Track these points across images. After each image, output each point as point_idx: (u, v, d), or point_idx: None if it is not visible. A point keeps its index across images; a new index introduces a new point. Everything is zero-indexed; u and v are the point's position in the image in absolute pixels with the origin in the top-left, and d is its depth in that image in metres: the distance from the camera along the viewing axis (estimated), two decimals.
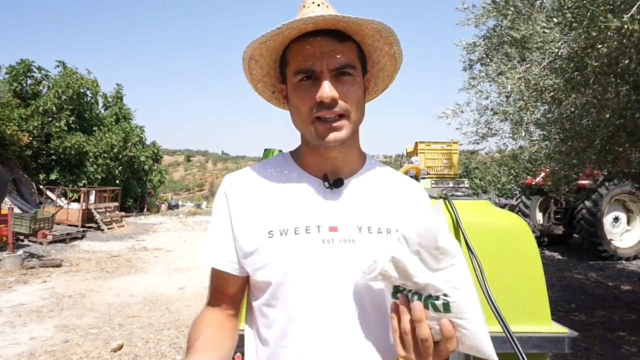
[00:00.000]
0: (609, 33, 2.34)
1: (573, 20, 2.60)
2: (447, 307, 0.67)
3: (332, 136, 0.79)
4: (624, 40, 2.41)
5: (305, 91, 0.80)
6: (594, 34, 2.36)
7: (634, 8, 2.11)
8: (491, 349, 0.70)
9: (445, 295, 0.67)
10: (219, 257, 0.87)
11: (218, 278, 0.90)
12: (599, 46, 2.44)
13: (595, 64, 2.57)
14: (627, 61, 2.47)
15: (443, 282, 0.68)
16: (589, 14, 2.38)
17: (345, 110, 0.80)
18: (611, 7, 2.26)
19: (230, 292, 0.90)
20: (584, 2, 2.40)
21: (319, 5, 0.83)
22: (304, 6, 0.85)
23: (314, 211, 0.84)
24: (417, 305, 0.69)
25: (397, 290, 0.73)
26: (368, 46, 0.87)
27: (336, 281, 0.81)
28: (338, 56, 0.79)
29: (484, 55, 3.87)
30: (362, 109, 0.85)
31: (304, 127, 0.83)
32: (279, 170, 0.91)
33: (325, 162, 0.87)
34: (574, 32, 2.64)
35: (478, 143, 3.89)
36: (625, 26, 2.15)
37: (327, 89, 0.77)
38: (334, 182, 0.86)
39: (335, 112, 0.79)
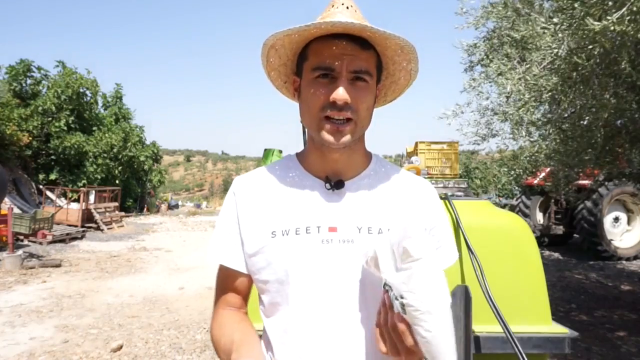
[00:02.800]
0: (607, 33, 2.34)
1: (570, 20, 2.60)
2: (403, 308, 0.67)
3: (337, 138, 0.81)
4: (617, 43, 2.41)
5: (320, 87, 0.81)
6: (588, 33, 2.36)
7: (624, 9, 2.11)
8: None
9: (401, 296, 0.67)
10: (228, 255, 0.89)
11: (227, 276, 0.91)
12: (590, 47, 2.44)
13: (586, 64, 2.57)
14: (623, 62, 2.47)
15: (400, 283, 0.68)
16: (582, 14, 2.38)
17: (354, 115, 0.81)
18: (603, 8, 2.26)
19: (240, 290, 0.92)
20: (576, 4, 2.40)
21: (347, 7, 0.84)
22: (332, 5, 0.86)
23: (315, 212, 0.85)
24: (386, 295, 0.72)
25: (385, 283, 0.74)
26: (387, 58, 0.88)
27: (334, 281, 0.82)
28: (359, 60, 0.80)
29: (485, 57, 3.87)
30: (370, 115, 0.87)
31: (312, 122, 0.84)
32: (284, 172, 0.93)
33: (327, 163, 0.88)
34: (560, 34, 2.64)
35: (479, 144, 3.89)
36: (612, 27, 2.14)
37: (341, 91, 0.78)
38: (335, 183, 0.87)
39: (344, 114, 0.80)
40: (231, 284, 0.91)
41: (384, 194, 0.89)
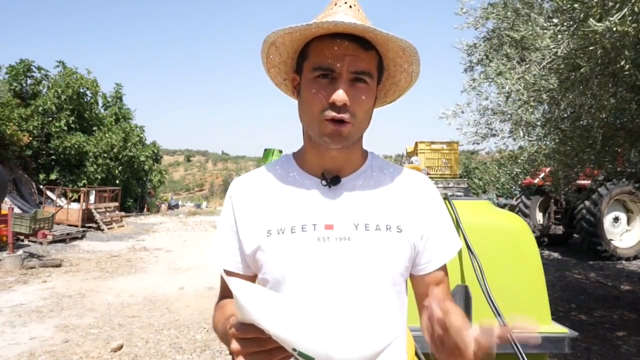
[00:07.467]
0: (606, 35, 2.34)
1: (570, 21, 2.60)
2: None
3: (336, 140, 0.81)
4: (617, 44, 2.41)
5: (320, 88, 0.80)
6: (589, 35, 2.36)
7: (625, 9, 2.11)
8: None
9: None
10: (225, 258, 0.91)
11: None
12: (591, 48, 2.44)
13: (586, 65, 2.57)
14: (622, 62, 2.46)
15: None
16: (582, 15, 2.38)
17: (353, 117, 0.80)
18: (603, 8, 2.26)
19: None
20: (576, 5, 2.40)
21: (350, 7, 0.83)
22: (335, 4, 0.84)
23: (311, 209, 0.85)
24: None
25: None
26: (388, 60, 0.88)
27: (330, 280, 0.81)
28: (360, 61, 0.80)
29: (484, 57, 3.88)
30: (370, 117, 0.86)
31: (311, 123, 0.83)
32: (280, 171, 0.93)
33: (324, 160, 0.88)
34: (560, 35, 2.64)
35: (478, 144, 3.89)
36: (615, 28, 2.14)
37: (340, 93, 0.78)
38: (331, 179, 0.87)
39: (343, 116, 0.79)
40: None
41: (381, 190, 0.89)
